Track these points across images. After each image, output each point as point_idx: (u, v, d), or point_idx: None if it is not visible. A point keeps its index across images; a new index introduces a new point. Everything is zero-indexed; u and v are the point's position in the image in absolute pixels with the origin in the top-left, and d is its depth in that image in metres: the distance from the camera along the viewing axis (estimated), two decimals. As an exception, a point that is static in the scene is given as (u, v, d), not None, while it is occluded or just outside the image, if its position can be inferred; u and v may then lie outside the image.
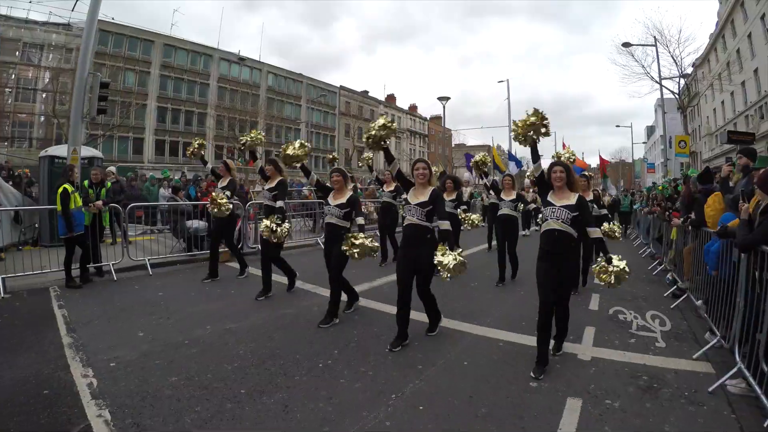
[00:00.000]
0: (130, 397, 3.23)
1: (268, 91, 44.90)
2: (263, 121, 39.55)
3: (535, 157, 4.19)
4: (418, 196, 4.32)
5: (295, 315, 5.30)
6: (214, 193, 6.83)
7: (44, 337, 4.49)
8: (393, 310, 5.43)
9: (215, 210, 6.63)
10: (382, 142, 4.46)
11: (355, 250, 4.45)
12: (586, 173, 7.74)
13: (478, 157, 7.54)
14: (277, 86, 46.41)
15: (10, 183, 10.76)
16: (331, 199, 5.12)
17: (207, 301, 5.86)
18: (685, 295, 6.00)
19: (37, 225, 9.82)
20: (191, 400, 3.14)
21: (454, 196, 7.80)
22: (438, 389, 3.36)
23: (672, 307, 5.84)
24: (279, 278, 6.37)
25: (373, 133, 4.42)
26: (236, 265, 7.59)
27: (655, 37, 20.73)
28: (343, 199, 5.04)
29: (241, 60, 40.88)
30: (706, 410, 3.09)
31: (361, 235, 4.57)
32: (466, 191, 12.94)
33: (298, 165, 5.44)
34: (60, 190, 6.49)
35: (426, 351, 4.14)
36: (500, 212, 7.36)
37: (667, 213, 8.26)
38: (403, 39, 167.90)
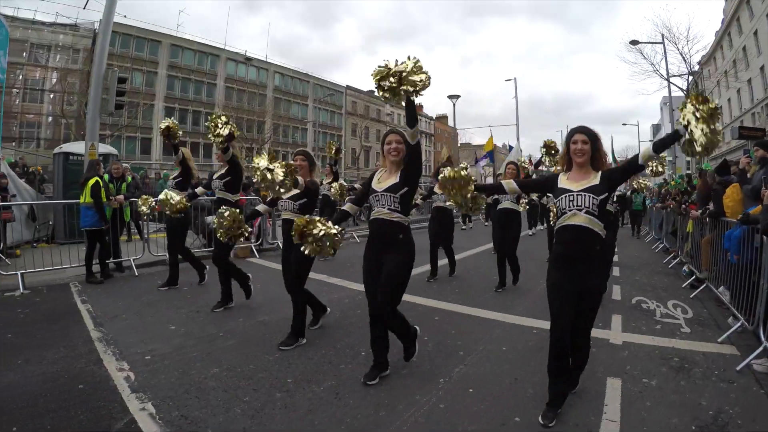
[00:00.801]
0: (172, 389, 3.17)
1: (275, 90, 45.17)
2: (270, 120, 39.83)
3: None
4: (387, 178, 3.24)
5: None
6: (163, 193, 5.49)
7: (71, 331, 4.46)
8: (422, 300, 5.63)
9: (166, 209, 5.40)
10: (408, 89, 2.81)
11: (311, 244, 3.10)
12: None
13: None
14: (284, 86, 46.70)
15: (24, 180, 10.88)
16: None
17: (234, 295, 5.67)
18: (704, 285, 6.14)
19: (51, 222, 9.92)
20: (238, 391, 3.12)
21: None
22: (483, 373, 3.48)
23: (691, 296, 6.00)
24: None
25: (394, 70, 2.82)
26: (259, 261, 7.60)
27: (663, 34, 20.87)
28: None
29: (248, 60, 41.11)
30: (736, 386, 3.25)
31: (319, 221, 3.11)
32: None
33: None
34: (91, 182, 6.61)
35: (464, 339, 4.26)
36: (500, 206, 6.44)
37: (683, 206, 8.41)
38: (403, 39, 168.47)
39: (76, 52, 33.18)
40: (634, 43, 21.68)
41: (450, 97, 26.63)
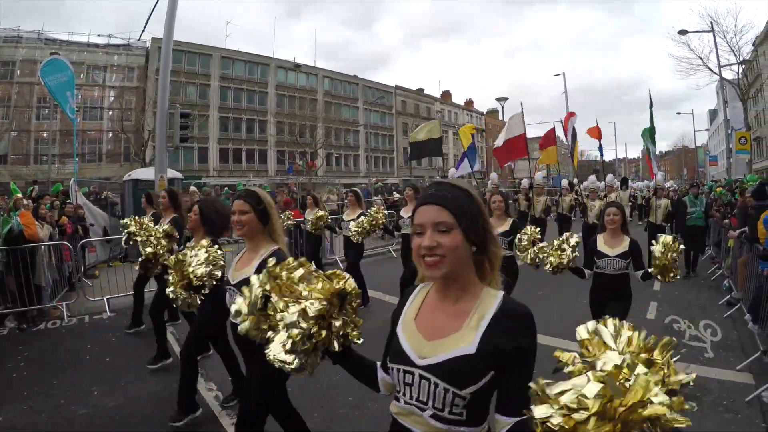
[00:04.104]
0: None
1: (325, 95, 46.37)
2: (323, 125, 40.88)
3: None
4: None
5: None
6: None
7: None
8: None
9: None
10: None
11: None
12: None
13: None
14: (334, 90, 47.79)
15: (97, 206, 11.83)
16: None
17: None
18: (739, 305, 6.35)
19: (123, 243, 10.98)
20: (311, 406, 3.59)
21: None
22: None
23: (725, 316, 6.21)
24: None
25: None
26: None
27: (711, 22, 20.10)
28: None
29: (297, 67, 42.43)
30: (739, 418, 3.59)
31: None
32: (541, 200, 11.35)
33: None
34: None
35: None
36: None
37: (726, 220, 8.41)
38: (447, 33, 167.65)
39: (131, 71, 35.71)
40: (682, 32, 20.93)
41: (498, 99, 26.85)
